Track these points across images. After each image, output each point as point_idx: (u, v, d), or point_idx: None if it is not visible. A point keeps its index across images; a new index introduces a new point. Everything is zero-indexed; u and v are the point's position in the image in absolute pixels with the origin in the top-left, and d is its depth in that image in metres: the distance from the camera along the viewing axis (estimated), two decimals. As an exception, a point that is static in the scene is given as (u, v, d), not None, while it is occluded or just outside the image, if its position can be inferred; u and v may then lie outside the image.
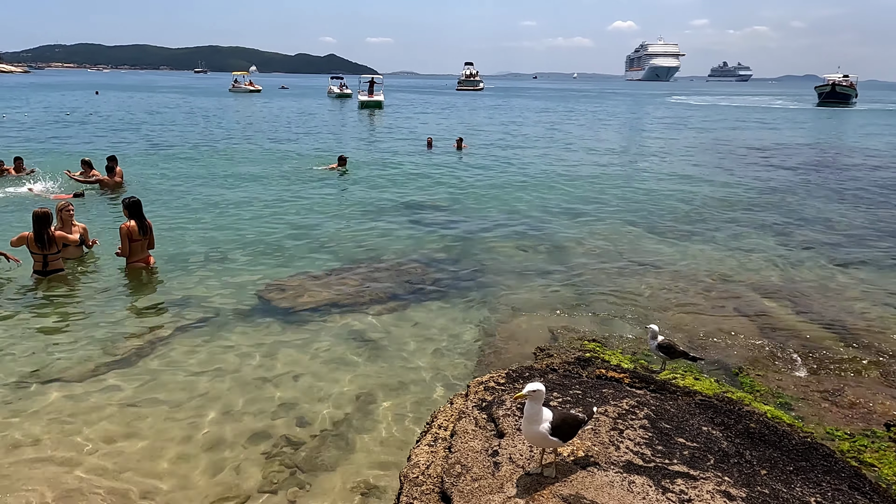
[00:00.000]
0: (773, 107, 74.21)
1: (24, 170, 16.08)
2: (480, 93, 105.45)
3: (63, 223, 9.05)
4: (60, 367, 6.14)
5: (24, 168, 16.11)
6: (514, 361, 6.30)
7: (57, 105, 50.07)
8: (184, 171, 18.69)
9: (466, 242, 11.05)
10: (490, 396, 4.40)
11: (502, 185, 17.04)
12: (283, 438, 5.10)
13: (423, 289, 8.58)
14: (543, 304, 8.11)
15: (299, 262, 9.66)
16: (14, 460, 4.68)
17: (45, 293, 8.01)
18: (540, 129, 37.35)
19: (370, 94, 56.80)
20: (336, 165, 18.91)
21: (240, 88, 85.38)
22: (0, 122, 33.93)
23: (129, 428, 5.18)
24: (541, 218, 13.17)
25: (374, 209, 13.70)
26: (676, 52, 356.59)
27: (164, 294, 8.21)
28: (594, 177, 18.95)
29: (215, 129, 33.61)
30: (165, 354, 6.50)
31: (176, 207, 13.44)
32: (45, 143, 24.57)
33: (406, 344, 6.89)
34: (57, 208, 9.11)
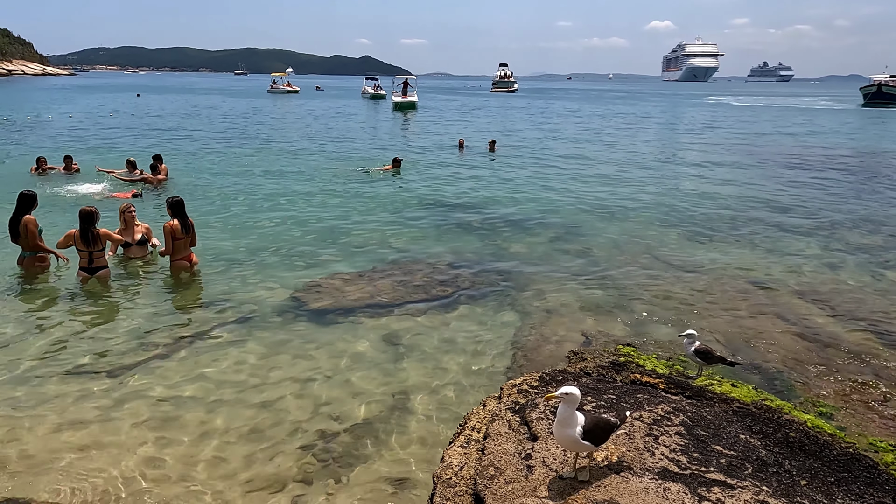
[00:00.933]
0: (816, 108, 72.42)
1: (74, 167, 16.48)
2: (514, 94, 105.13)
3: (126, 224, 9.35)
4: (104, 361, 6.32)
5: (73, 166, 16.51)
6: (546, 364, 6.29)
7: (100, 106, 51.50)
8: (227, 170, 19.09)
9: (499, 244, 11.04)
10: (523, 399, 4.40)
11: (535, 187, 16.98)
12: (317, 433, 5.19)
13: (455, 290, 8.60)
14: (577, 306, 8.06)
15: (334, 262, 9.77)
16: (58, 449, 4.83)
17: (90, 290, 8.26)
18: (574, 130, 37.10)
19: (404, 95, 57.15)
20: (390, 167, 18.86)
21: (278, 90, 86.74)
22: (47, 121, 35.02)
23: (168, 419, 5.32)
24: (574, 219, 13.09)
25: (406, 210, 13.78)
26: (715, 52, 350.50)
27: (205, 291, 8.40)
28: (629, 178, 18.75)
29: (256, 129, 34.32)
30: (205, 350, 6.65)
31: (218, 206, 13.74)
32: (89, 143, 25.29)
33: (438, 344, 6.91)
34: (120, 210, 9.43)
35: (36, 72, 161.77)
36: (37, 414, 5.33)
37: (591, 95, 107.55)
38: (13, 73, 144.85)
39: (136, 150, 22.48)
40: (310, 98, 76.89)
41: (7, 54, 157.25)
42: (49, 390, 5.73)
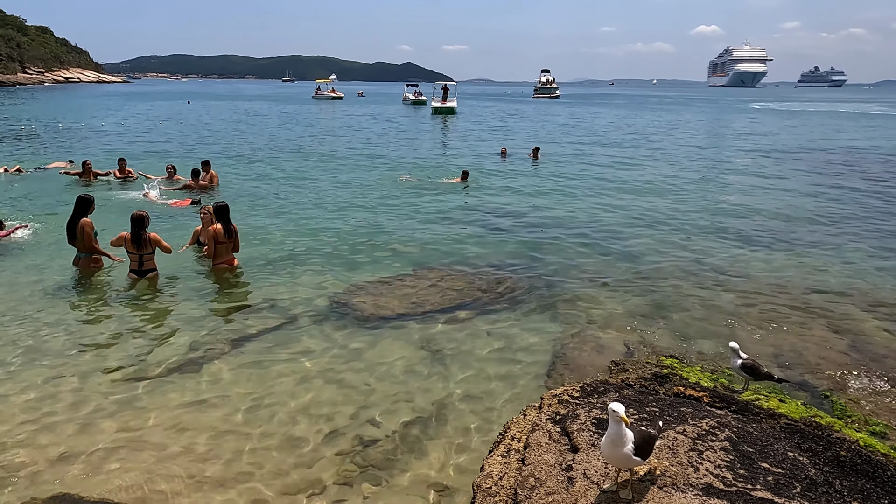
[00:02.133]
0: (870, 114, 70.00)
1: (129, 172, 16.88)
2: (556, 100, 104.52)
3: (203, 224, 9.86)
4: (148, 361, 6.50)
5: (128, 170, 16.91)
6: (588, 374, 6.23)
7: (152, 112, 53.12)
8: (275, 175, 19.48)
9: (540, 251, 10.98)
10: (564, 410, 4.37)
11: (578, 195, 16.84)
12: (356, 438, 5.23)
13: (496, 297, 8.59)
14: (619, 315, 7.96)
15: (375, 267, 9.86)
16: (105, 447, 4.99)
17: (140, 291, 8.52)
18: (617, 137, 36.67)
19: (443, 101, 57.71)
20: (459, 179, 18.42)
21: (323, 96, 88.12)
22: (101, 128, 36.26)
23: (210, 420, 5.43)
24: (618, 227, 12.94)
25: (446, 216, 13.82)
26: (763, 56, 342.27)
27: (246, 295, 8.56)
28: (673, 186, 18.43)
29: (303, 134, 35.04)
30: (245, 353, 6.77)
31: (263, 210, 14.01)
32: (140, 148, 26.09)
33: (478, 352, 6.91)
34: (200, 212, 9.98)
35: (91, 79, 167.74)
36: (84, 412, 5.52)
37: (635, 101, 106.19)
38: (70, 81, 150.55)
39: (186, 156, 23.14)
40: (353, 104, 77.87)
41: (65, 62, 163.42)
42: (97, 388, 5.92)
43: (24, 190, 15.65)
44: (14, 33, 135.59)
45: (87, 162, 16.67)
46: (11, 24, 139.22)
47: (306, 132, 36.76)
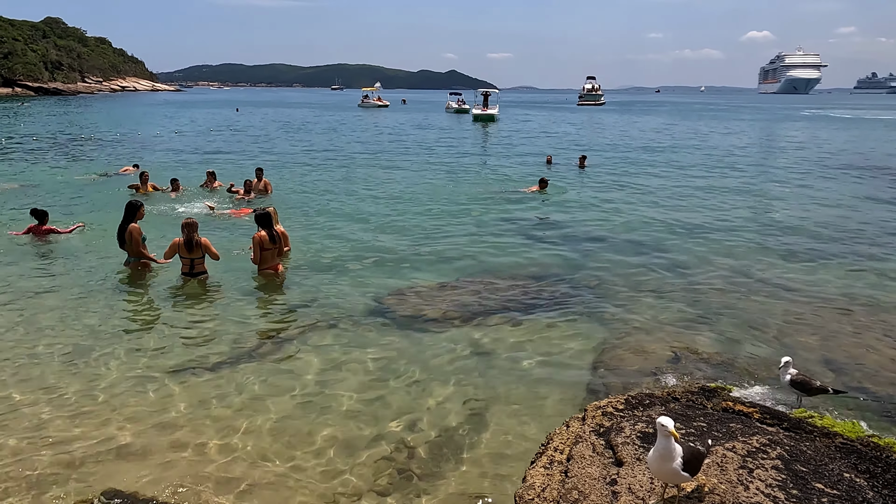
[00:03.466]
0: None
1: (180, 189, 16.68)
2: (602, 108, 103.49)
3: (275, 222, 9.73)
4: (194, 361, 6.66)
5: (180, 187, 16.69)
6: (632, 386, 6.11)
7: (203, 120, 54.65)
8: (325, 181, 19.88)
9: (585, 259, 10.86)
10: (608, 422, 4.30)
11: (624, 203, 16.60)
12: (397, 443, 5.24)
13: (539, 304, 8.52)
14: (664, 326, 7.80)
15: (419, 273, 9.90)
16: (151, 444, 5.12)
17: (189, 293, 8.76)
18: (664, 145, 36.07)
19: (484, 108, 58.03)
20: (537, 188, 18.00)
21: (368, 104, 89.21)
22: (155, 136, 37.43)
23: (251, 421, 5.52)
24: (664, 236, 12.70)
25: (490, 223, 13.80)
26: (817, 62, 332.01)
27: (292, 298, 8.69)
28: (722, 195, 18.00)
29: (351, 141, 35.77)
30: (287, 355, 6.88)
31: (312, 215, 14.26)
32: (195, 157, 26.85)
33: (520, 359, 6.86)
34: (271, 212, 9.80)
35: (146, 88, 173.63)
36: (132, 409, 5.67)
37: (682, 109, 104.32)
38: (126, 89, 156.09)
39: (240, 164, 23.73)
40: (397, 111, 78.65)
41: (122, 72, 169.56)
42: (145, 386, 6.08)
43: (91, 193, 16.35)
44: (75, 44, 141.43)
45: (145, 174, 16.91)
46: (73, 35, 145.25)
47: (354, 139, 37.40)
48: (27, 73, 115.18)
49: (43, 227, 11.40)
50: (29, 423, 5.39)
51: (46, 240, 11.26)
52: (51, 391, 5.96)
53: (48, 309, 8.04)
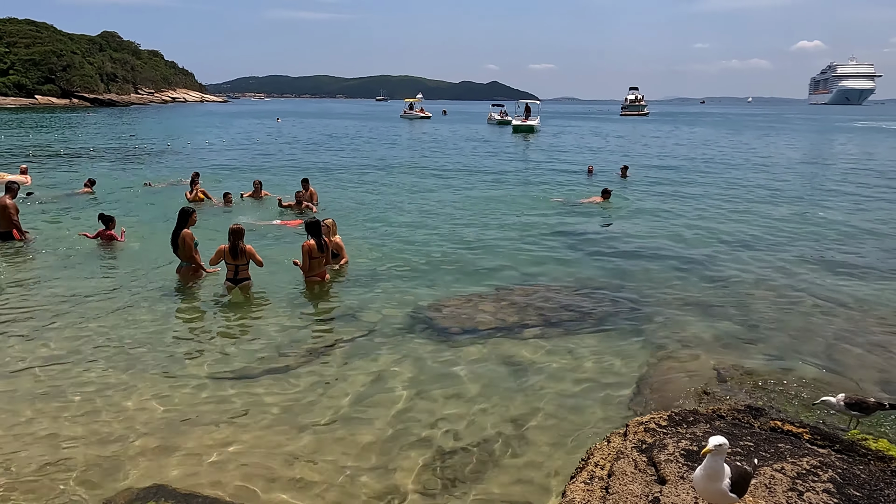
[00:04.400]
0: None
1: (231, 202, 16.70)
2: (645, 118, 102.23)
3: (328, 234, 9.92)
4: (238, 365, 6.79)
5: (231, 200, 16.70)
6: (675, 402, 5.99)
7: (248, 130, 55.96)
8: (370, 190, 20.17)
9: (626, 271, 10.70)
10: (650, 438, 4.22)
11: (667, 214, 16.33)
12: (437, 451, 5.25)
13: (580, 317, 8.43)
14: (709, 341, 7.63)
15: (460, 283, 9.90)
16: (196, 443, 5.23)
17: (234, 299, 8.95)
18: (709, 156, 35.36)
19: (524, 119, 58.08)
20: (600, 198, 17.74)
21: (411, 114, 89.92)
22: (208, 146, 38.45)
23: (292, 424, 5.60)
24: (710, 249, 12.43)
25: (531, 232, 13.74)
26: (871, 72, 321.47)
27: (335, 306, 8.80)
28: (768, 208, 17.54)
29: (396, 151, 36.25)
30: (330, 361, 6.96)
31: (356, 224, 14.39)
32: (244, 165, 27.48)
33: (560, 371, 6.79)
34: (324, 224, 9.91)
35: (195, 99, 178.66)
36: (177, 409, 5.81)
37: (729, 120, 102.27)
38: (176, 100, 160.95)
39: (286, 173, 24.19)
40: (439, 122, 79.13)
41: (172, 83, 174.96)
42: (189, 388, 6.23)
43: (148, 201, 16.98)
44: (129, 57, 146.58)
45: (197, 180, 17.15)
46: (127, 48, 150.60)
47: (396, 149, 37.87)
48: (84, 84, 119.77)
49: (107, 232, 11.88)
50: (78, 419, 5.58)
51: (110, 244, 11.77)
52: (100, 389, 6.15)
53: (102, 310, 8.31)
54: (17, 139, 40.19)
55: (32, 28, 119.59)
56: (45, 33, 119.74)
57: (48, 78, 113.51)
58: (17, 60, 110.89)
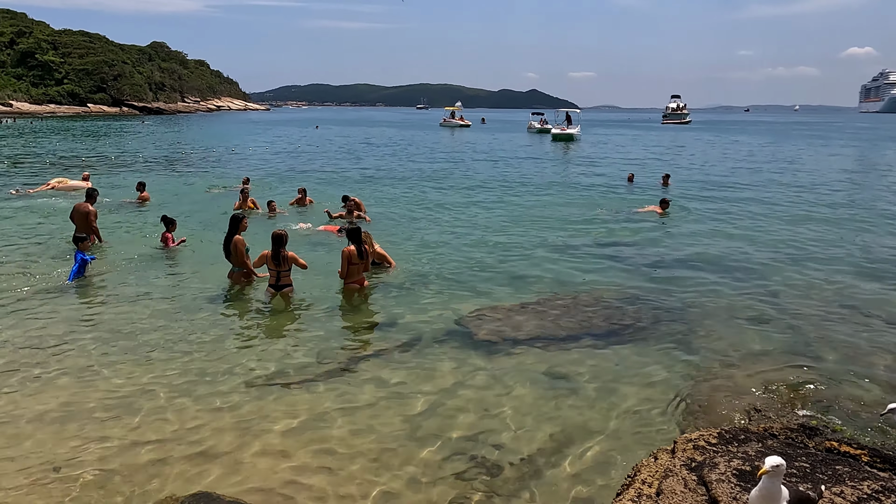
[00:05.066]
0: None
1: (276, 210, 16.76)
2: (687, 126, 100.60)
3: (369, 245, 9.99)
4: (278, 372, 6.83)
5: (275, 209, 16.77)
6: (724, 419, 5.83)
7: (289, 138, 56.89)
8: (410, 198, 20.27)
9: (671, 282, 10.47)
10: (700, 457, 4.08)
11: (711, 224, 15.97)
12: (478, 463, 5.18)
13: (623, 329, 8.27)
14: (760, 357, 7.39)
15: (502, 292, 9.81)
16: (236, 451, 5.26)
17: (276, 305, 9.04)
18: (754, 164, 34.54)
19: (564, 128, 57.77)
20: (659, 208, 17.39)
21: (451, 123, 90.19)
22: (247, 153, 39.21)
23: (331, 432, 5.59)
24: (755, 261, 12.08)
25: (569, 243, 13.56)
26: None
27: (375, 313, 8.83)
28: (819, 220, 16.99)
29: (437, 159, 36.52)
30: (369, 369, 6.95)
31: (397, 231, 14.47)
32: (282, 171, 27.93)
33: (604, 385, 6.65)
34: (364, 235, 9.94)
35: (239, 107, 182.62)
36: (220, 415, 5.87)
37: (774, 128, 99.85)
38: (220, 109, 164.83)
39: (326, 180, 24.47)
40: (478, 131, 79.19)
41: (217, 92, 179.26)
42: (232, 393, 6.29)
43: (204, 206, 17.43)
44: (176, 66, 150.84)
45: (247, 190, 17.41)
46: (175, 58, 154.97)
47: (439, 157, 38.02)
48: (133, 93, 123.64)
49: (166, 234, 12.29)
50: (127, 422, 5.68)
51: (169, 248, 12.12)
52: (143, 393, 6.26)
53: (156, 315, 8.51)
54: (72, 145, 41.70)
55: (86, 39, 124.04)
56: (97, 44, 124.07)
57: (100, 87, 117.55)
58: (71, 70, 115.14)
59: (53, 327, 7.96)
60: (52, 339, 7.57)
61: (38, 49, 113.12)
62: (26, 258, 11.33)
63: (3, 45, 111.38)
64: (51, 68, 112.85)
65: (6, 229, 13.77)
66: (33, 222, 14.79)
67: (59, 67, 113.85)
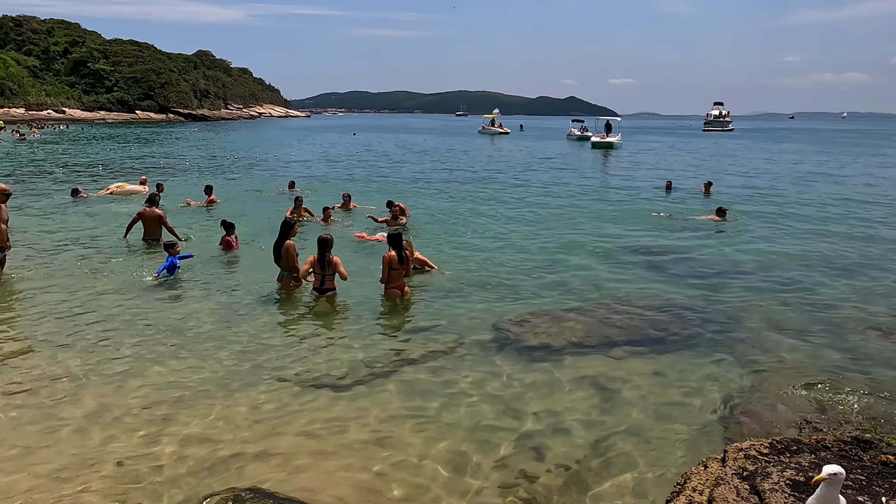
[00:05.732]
0: None
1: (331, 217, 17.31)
2: (730, 134, 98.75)
3: (410, 252, 10.18)
4: (321, 374, 6.93)
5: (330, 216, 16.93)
6: (773, 429, 5.73)
7: (329, 143, 57.69)
8: (453, 204, 20.38)
9: (716, 291, 10.30)
10: (752, 466, 4.05)
11: (755, 234, 15.64)
12: (521, 472, 5.17)
13: (666, 337, 8.20)
14: (808, 368, 7.23)
15: (543, 298, 9.80)
16: (286, 451, 5.38)
17: (320, 309, 9.21)
18: (798, 174, 33.69)
19: (604, 136, 57.23)
20: (716, 217, 17.16)
21: (490, 130, 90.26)
22: (290, 157, 39.92)
23: (376, 437, 5.65)
24: (807, 271, 11.77)
25: (612, 249, 13.47)
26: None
27: (415, 321, 8.88)
28: (873, 228, 16.51)
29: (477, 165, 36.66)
30: (410, 374, 7.00)
31: (435, 236, 14.57)
32: (318, 175, 28.35)
33: (646, 393, 6.60)
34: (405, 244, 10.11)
35: (280, 114, 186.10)
36: (270, 414, 6.02)
37: (821, 136, 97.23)
38: (262, 115, 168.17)
39: (366, 185, 24.79)
40: (517, 138, 79.11)
41: (259, 99, 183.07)
42: (280, 394, 6.44)
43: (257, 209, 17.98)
44: (221, 74, 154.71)
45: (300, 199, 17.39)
46: (220, 66, 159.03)
47: (480, 163, 38.21)
48: (179, 100, 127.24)
49: (227, 238, 12.75)
50: (183, 418, 5.87)
51: (229, 251, 12.57)
52: (201, 392, 6.46)
53: (209, 316, 8.79)
54: (126, 151, 43.11)
55: (135, 48, 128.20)
56: (146, 53, 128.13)
57: (147, 94, 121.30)
58: (121, 78, 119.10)
59: (117, 324, 8.33)
60: (112, 334, 7.93)
61: (90, 58, 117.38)
62: (84, 259, 11.84)
63: (57, 55, 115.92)
64: (101, 76, 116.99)
65: (70, 231, 14.47)
66: (91, 225, 15.46)
67: (109, 75, 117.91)
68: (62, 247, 12.85)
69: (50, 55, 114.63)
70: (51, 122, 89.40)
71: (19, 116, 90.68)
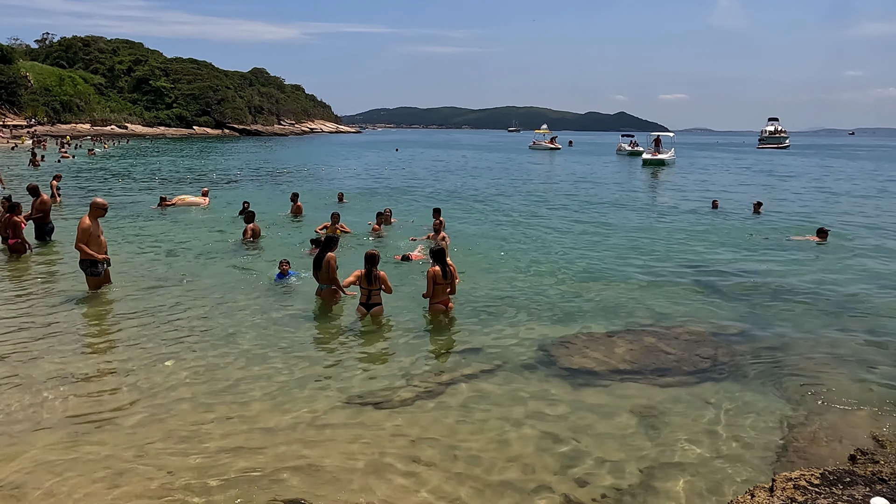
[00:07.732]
0: None
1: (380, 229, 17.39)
2: (785, 151, 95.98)
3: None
4: (363, 391, 7.00)
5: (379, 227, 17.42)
6: (824, 461, 5.54)
7: (375, 160, 58.50)
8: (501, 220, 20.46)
9: (766, 316, 10.02)
10: (801, 497, 3.94)
11: (810, 256, 15.10)
12: (563, 496, 5.13)
13: (714, 363, 8.00)
14: (864, 399, 6.96)
15: (588, 321, 9.65)
16: (330, 466, 5.47)
17: (365, 325, 9.32)
18: (858, 192, 32.46)
19: (654, 153, 55.99)
20: (815, 237, 16.67)
21: (540, 146, 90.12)
22: (341, 172, 40.70)
23: (415, 457, 5.67)
24: (861, 296, 11.29)
25: (656, 269, 13.26)
26: None
27: (459, 336, 8.92)
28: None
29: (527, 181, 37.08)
30: (453, 394, 6.99)
31: (484, 254, 14.57)
32: (364, 188, 28.75)
33: (694, 420, 6.47)
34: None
35: (330, 130, 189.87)
36: (309, 427, 6.13)
37: (886, 153, 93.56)
38: (314, 131, 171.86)
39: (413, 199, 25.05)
40: (568, 154, 78.76)
41: (311, 115, 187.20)
42: (321, 407, 6.55)
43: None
44: (274, 91, 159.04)
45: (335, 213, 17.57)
46: (273, 83, 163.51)
47: (531, 179, 38.29)
48: (234, 116, 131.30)
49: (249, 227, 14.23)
50: (220, 429, 6.05)
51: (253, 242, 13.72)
52: (236, 406, 6.61)
53: (252, 328, 9.01)
54: (191, 163, 44.67)
55: (194, 66, 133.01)
56: (204, 71, 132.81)
57: (204, 110, 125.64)
58: (180, 95, 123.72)
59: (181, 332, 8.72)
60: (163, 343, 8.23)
61: (152, 76, 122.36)
62: (152, 267, 12.34)
63: (121, 73, 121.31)
64: (162, 93, 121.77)
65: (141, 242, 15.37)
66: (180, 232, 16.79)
67: (169, 93, 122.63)
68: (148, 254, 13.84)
69: (115, 73, 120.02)
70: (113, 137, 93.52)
71: (85, 132, 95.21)
